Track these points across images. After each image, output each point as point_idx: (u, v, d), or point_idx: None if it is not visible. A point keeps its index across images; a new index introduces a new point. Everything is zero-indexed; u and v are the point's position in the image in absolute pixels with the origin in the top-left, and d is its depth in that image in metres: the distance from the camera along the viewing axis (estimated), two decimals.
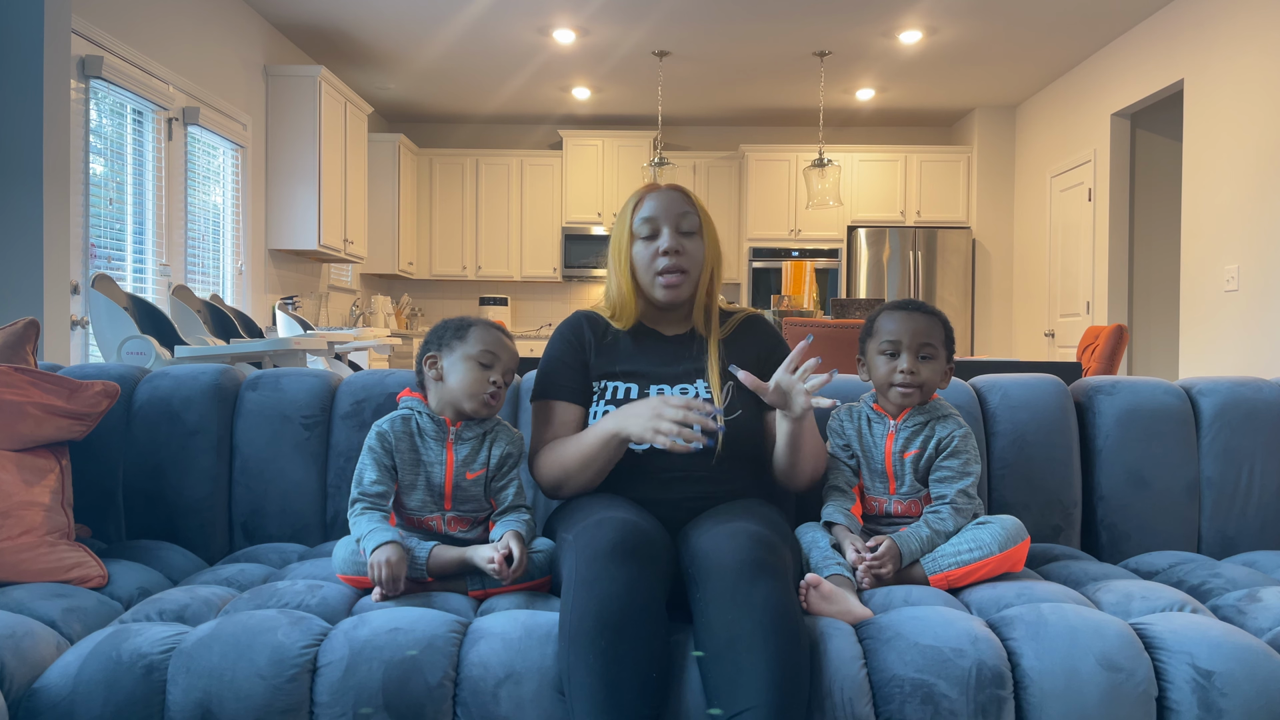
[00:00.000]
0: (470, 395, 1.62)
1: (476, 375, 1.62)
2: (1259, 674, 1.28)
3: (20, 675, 1.29)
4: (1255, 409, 1.93)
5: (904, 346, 1.69)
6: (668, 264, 1.68)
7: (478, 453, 1.64)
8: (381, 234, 7.54)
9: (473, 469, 1.63)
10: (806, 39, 5.97)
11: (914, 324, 1.70)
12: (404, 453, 1.62)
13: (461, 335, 1.65)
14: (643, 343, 1.75)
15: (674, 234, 1.69)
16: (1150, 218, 6.13)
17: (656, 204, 1.71)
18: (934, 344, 1.70)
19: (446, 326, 1.68)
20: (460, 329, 1.67)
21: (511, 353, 1.67)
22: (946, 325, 1.75)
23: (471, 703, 1.29)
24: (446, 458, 1.62)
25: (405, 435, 1.63)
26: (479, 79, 6.96)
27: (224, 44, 5.21)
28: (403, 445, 1.62)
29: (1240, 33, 4.70)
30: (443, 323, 1.70)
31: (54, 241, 3.07)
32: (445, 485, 1.62)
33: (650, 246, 1.70)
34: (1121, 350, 3.80)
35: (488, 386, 1.62)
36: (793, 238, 7.79)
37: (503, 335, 1.68)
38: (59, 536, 1.61)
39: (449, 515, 1.63)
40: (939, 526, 1.61)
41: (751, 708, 1.22)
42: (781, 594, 1.32)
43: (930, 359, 1.70)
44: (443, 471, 1.62)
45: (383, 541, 1.48)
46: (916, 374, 1.68)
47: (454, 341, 1.65)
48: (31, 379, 1.66)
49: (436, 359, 1.66)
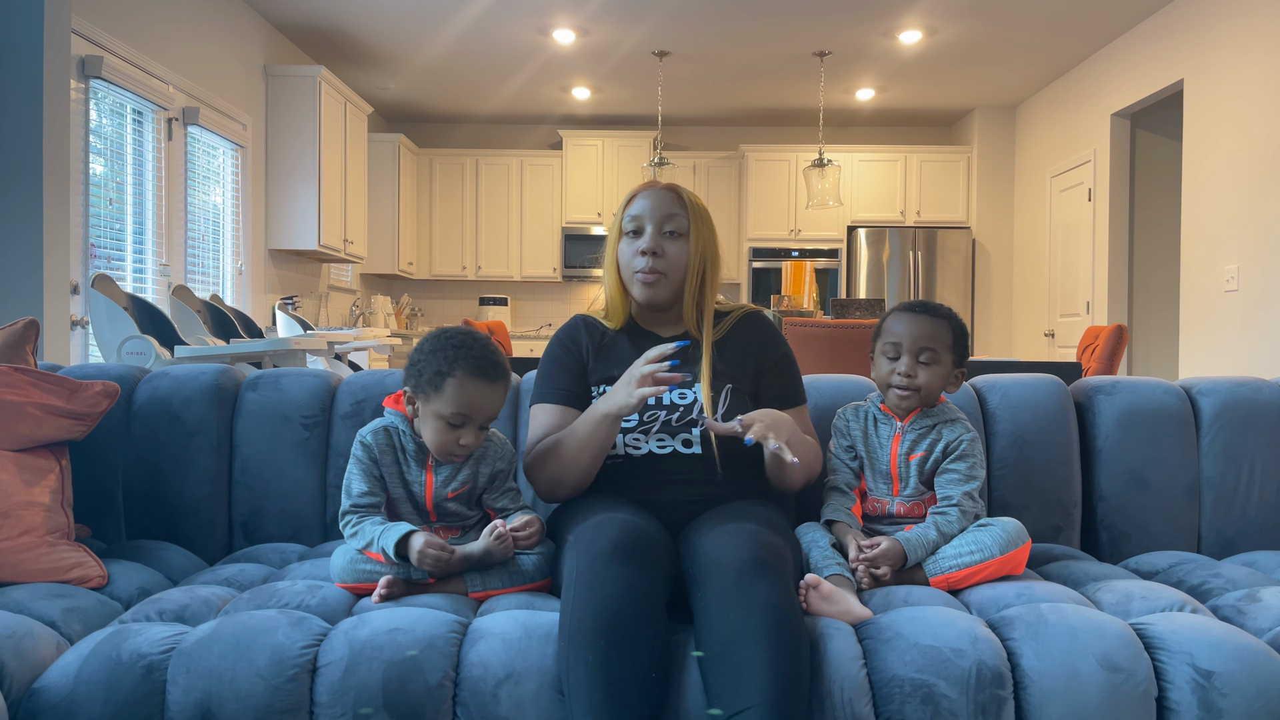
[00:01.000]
0: (438, 451, 1.58)
1: (445, 436, 1.55)
2: (1259, 674, 1.28)
3: (20, 675, 1.29)
4: (1255, 409, 1.93)
5: (904, 349, 1.69)
6: (645, 264, 1.68)
7: (458, 472, 1.62)
8: (381, 234, 7.54)
9: (453, 488, 1.62)
10: (806, 39, 5.97)
11: (917, 327, 1.69)
12: (388, 465, 1.61)
13: (438, 385, 1.53)
14: (640, 345, 1.75)
15: (656, 234, 1.69)
16: (1150, 218, 6.13)
17: (646, 203, 1.71)
18: (936, 349, 1.68)
19: (428, 365, 1.56)
20: (437, 378, 1.54)
21: (490, 406, 1.56)
22: (957, 329, 1.72)
23: (471, 703, 1.29)
24: (426, 479, 1.61)
25: (389, 449, 1.61)
26: (479, 79, 6.96)
27: (224, 44, 5.21)
28: (386, 459, 1.61)
29: (1240, 33, 4.70)
30: (429, 353, 1.57)
31: (54, 241, 3.07)
32: (426, 503, 1.62)
33: (634, 244, 1.70)
34: (1121, 350, 3.80)
35: (457, 446, 1.56)
36: (793, 238, 7.79)
37: (484, 385, 1.54)
38: (59, 536, 1.61)
39: (436, 526, 1.63)
40: (947, 530, 1.60)
41: (751, 707, 1.22)
42: (782, 594, 1.32)
43: (931, 364, 1.68)
44: (423, 491, 1.61)
45: (404, 535, 1.48)
46: (913, 377, 1.68)
47: (429, 390, 1.55)
48: (31, 379, 1.66)
49: (414, 399, 1.59)
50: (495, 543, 1.52)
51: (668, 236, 1.70)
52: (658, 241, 1.68)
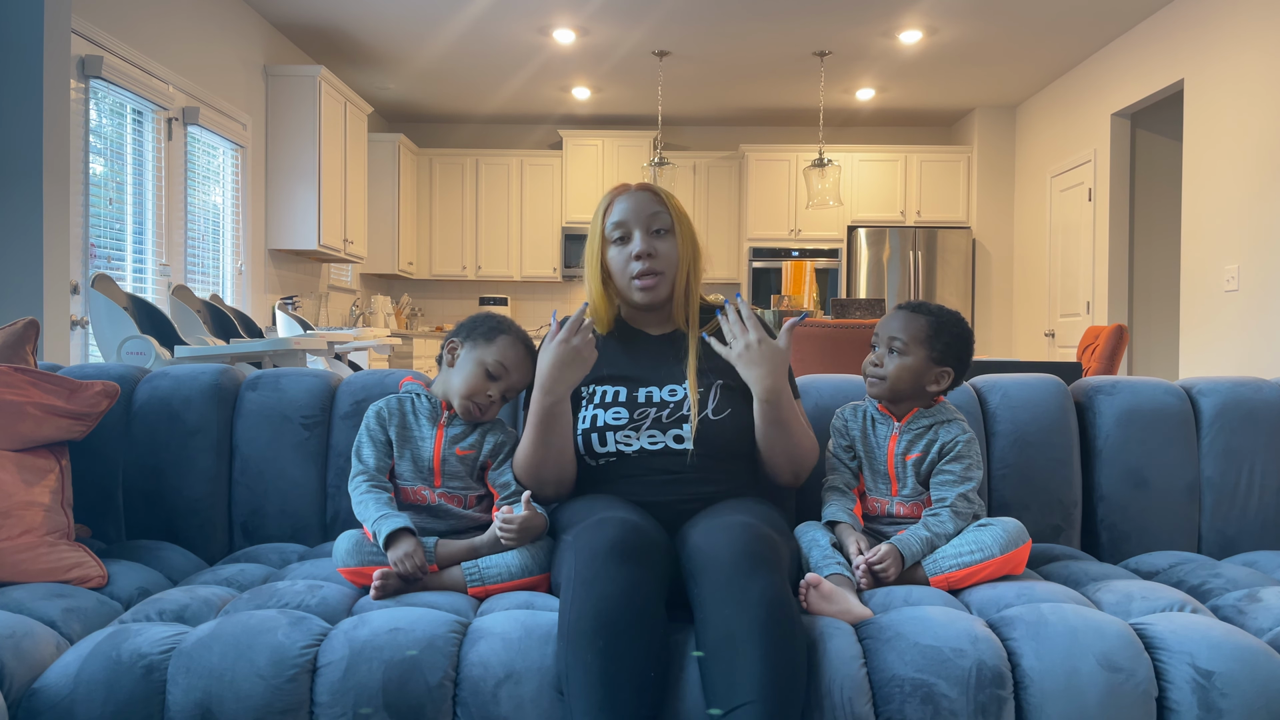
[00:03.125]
0: (466, 394, 1.65)
1: (480, 381, 1.66)
2: (1259, 674, 1.28)
3: (20, 675, 1.29)
4: (1255, 409, 1.93)
5: (879, 339, 1.73)
6: (642, 267, 1.68)
7: (469, 434, 1.68)
8: (381, 234, 7.54)
9: (463, 446, 1.67)
10: (806, 39, 5.97)
11: (893, 320, 1.73)
12: (396, 425, 1.67)
13: (490, 338, 1.68)
14: (629, 344, 1.75)
15: (646, 236, 1.69)
16: (1150, 218, 6.13)
17: (627, 206, 1.70)
18: (904, 338, 1.69)
19: (482, 323, 1.71)
20: (491, 332, 1.69)
21: (527, 373, 1.69)
22: (938, 326, 1.71)
23: (471, 703, 1.29)
24: (436, 434, 1.66)
25: (399, 413, 1.69)
26: (479, 79, 6.96)
27: (224, 44, 5.21)
28: (395, 420, 1.68)
29: (1240, 33, 4.70)
30: (484, 316, 1.72)
31: (54, 241, 3.07)
32: (434, 460, 1.65)
33: (624, 250, 1.70)
34: (1121, 350, 3.80)
35: (484, 396, 1.66)
36: (793, 238, 7.79)
37: (527, 356, 1.69)
38: (59, 536, 1.61)
39: (438, 492, 1.66)
40: (938, 529, 1.61)
41: (747, 703, 1.21)
42: (777, 588, 1.32)
43: (900, 354, 1.70)
44: (431, 446, 1.65)
45: (394, 530, 1.52)
46: (879, 365, 1.71)
47: (480, 339, 1.68)
48: (31, 379, 1.66)
49: (457, 346, 1.70)
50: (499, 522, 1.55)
51: (656, 236, 1.70)
52: (650, 243, 1.69)
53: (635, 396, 1.67)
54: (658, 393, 1.67)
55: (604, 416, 1.66)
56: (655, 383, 1.69)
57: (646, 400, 1.66)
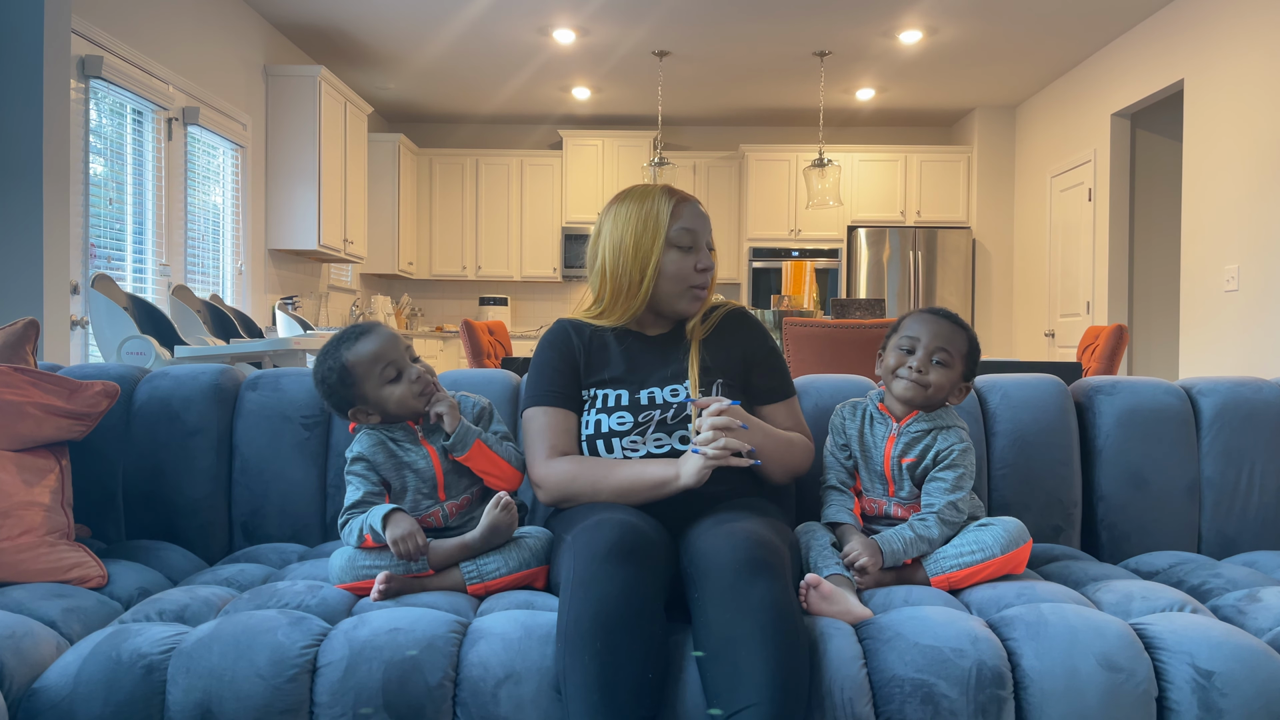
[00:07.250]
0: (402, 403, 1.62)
1: (403, 389, 1.62)
2: (1259, 674, 1.28)
3: (20, 675, 1.29)
4: (1255, 409, 1.93)
5: (921, 345, 1.69)
6: (702, 280, 1.72)
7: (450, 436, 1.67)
8: (381, 234, 7.54)
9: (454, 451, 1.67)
10: (806, 39, 5.97)
11: (936, 327, 1.70)
12: (383, 461, 1.64)
13: (350, 382, 1.61)
14: (628, 346, 1.75)
15: (707, 251, 1.74)
16: (1150, 218, 6.13)
17: (695, 216, 1.73)
18: (950, 351, 1.68)
19: (334, 389, 1.63)
20: (345, 382, 1.61)
21: (398, 344, 1.64)
22: (972, 341, 1.72)
23: (471, 703, 1.29)
24: (427, 450, 1.65)
25: (381, 447, 1.65)
26: (479, 79, 6.96)
27: (224, 44, 5.21)
28: (380, 456, 1.64)
29: (1240, 33, 4.70)
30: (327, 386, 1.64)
31: (54, 241, 3.07)
32: (436, 473, 1.64)
33: (688, 258, 1.71)
34: (1121, 350, 3.80)
35: (415, 386, 1.62)
36: (793, 238, 7.79)
37: (388, 334, 1.64)
38: (59, 536, 1.61)
39: (446, 504, 1.65)
40: (923, 532, 1.60)
41: (750, 706, 1.22)
42: (780, 593, 1.32)
43: (944, 365, 1.68)
44: (429, 462, 1.64)
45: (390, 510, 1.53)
46: (924, 373, 1.67)
47: (352, 392, 1.62)
48: (31, 379, 1.66)
49: (361, 411, 1.64)
50: (501, 513, 1.54)
51: (710, 251, 1.75)
52: (709, 257, 1.73)
53: (638, 399, 1.67)
54: (660, 394, 1.68)
55: (608, 422, 1.66)
56: (656, 383, 1.69)
57: (649, 402, 1.67)
